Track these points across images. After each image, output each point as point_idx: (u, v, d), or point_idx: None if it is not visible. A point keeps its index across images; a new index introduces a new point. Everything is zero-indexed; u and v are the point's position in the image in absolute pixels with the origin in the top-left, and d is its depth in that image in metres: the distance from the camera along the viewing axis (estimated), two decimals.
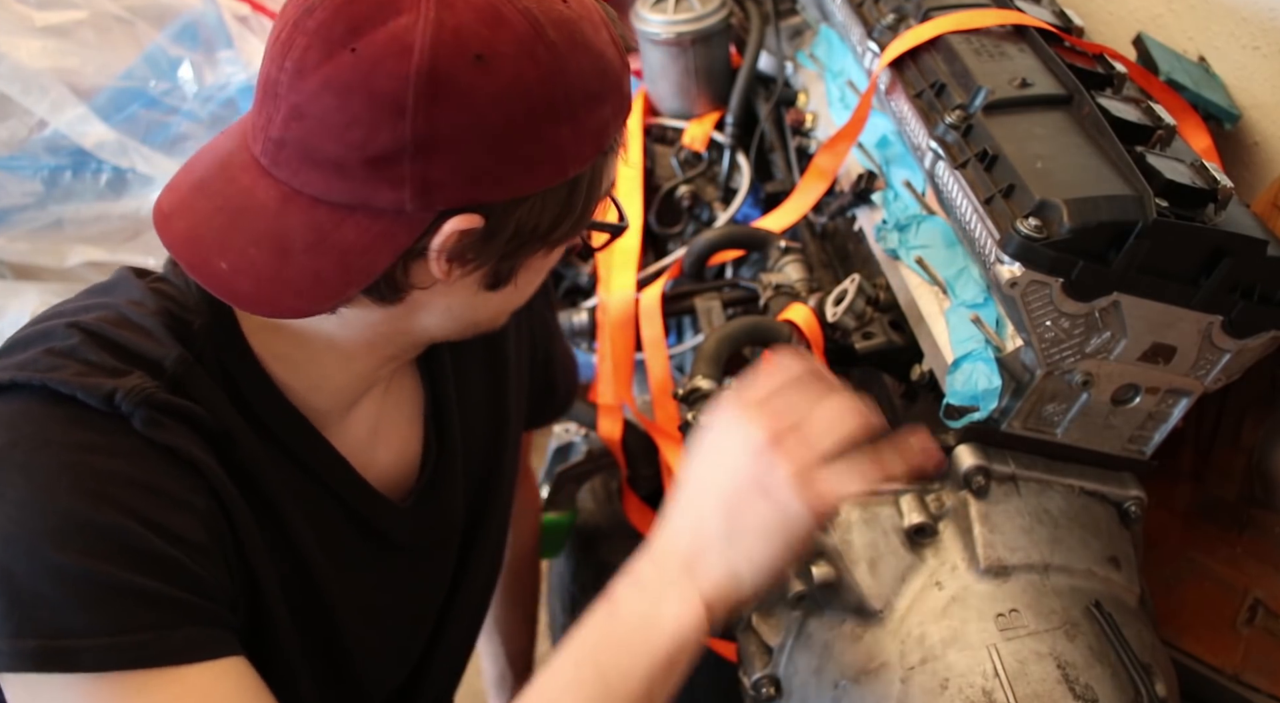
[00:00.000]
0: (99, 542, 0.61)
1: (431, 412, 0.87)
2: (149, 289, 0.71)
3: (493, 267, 0.69)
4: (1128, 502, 0.93)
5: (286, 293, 0.64)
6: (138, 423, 0.64)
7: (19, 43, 1.45)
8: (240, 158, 0.66)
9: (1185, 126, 0.99)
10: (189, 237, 0.66)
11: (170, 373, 0.68)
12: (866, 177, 1.11)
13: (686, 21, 1.44)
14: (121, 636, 0.61)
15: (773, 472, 0.65)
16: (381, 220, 0.62)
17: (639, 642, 0.65)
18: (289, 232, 0.63)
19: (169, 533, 0.64)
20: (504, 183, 0.63)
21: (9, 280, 1.49)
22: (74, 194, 1.50)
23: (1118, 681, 0.83)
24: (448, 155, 0.61)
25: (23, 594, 0.60)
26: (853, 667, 0.88)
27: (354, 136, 0.60)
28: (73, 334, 0.67)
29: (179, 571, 0.64)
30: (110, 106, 1.51)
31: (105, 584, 0.61)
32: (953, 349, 0.89)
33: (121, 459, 0.63)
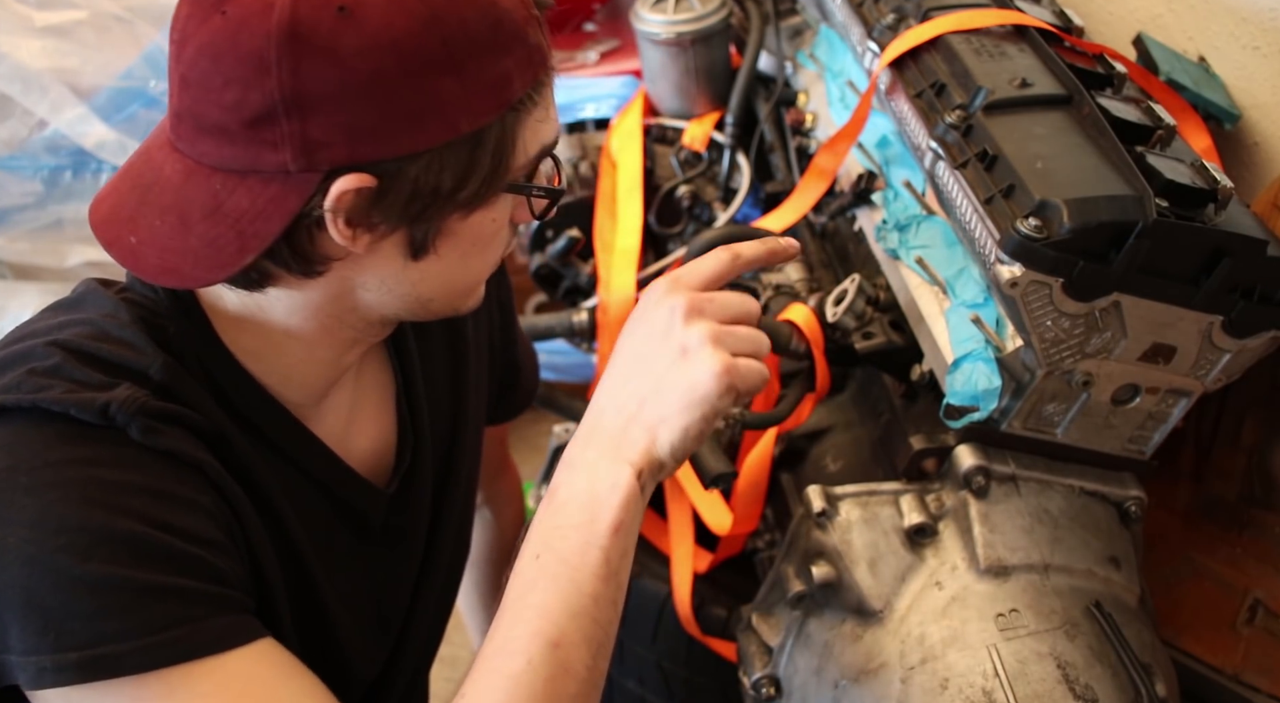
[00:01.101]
0: (119, 549, 0.61)
1: (404, 396, 0.88)
2: (120, 300, 0.71)
3: (406, 232, 0.67)
4: (1128, 502, 0.93)
5: (187, 262, 0.64)
6: (135, 432, 0.65)
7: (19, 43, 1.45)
8: (159, 140, 0.67)
9: (1185, 126, 0.99)
10: (108, 216, 0.67)
11: (157, 381, 0.68)
12: (866, 177, 1.11)
13: (686, 21, 1.44)
14: (158, 634, 0.61)
15: (691, 332, 0.70)
16: (272, 185, 0.62)
17: (585, 520, 0.67)
18: (190, 203, 0.64)
19: (184, 533, 0.64)
20: (387, 139, 0.62)
21: (9, 280, 1.49)
22: (74, 194, 1.50)
23: (1118, 681, 0.83)
24: (321, 112, 0.60)
25: (54, 611, 0.60)
26: (853, 667, 0.88)
27: (229, 98, 0.60)
28: (53, 353, 0.66)
29: (201, 566, 0.65)
30: (110, 106, 1.51)
31: (133, 588, 0.61)
32: (953, 349, 0.89)
33: (126, 469, 0.64)
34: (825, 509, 0.90)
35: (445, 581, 0.96)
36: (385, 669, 0.92)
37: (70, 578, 0.60)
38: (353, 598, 0.84)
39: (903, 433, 0.97)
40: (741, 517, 1.11)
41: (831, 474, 1.08)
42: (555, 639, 0.64)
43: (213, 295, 0.72)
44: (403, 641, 0.93)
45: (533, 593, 0.66)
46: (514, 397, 1.10)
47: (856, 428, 1.11)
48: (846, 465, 1.08)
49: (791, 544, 0.94)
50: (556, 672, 0.64)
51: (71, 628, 0.60)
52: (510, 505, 1.31)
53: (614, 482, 0.68)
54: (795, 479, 1.12)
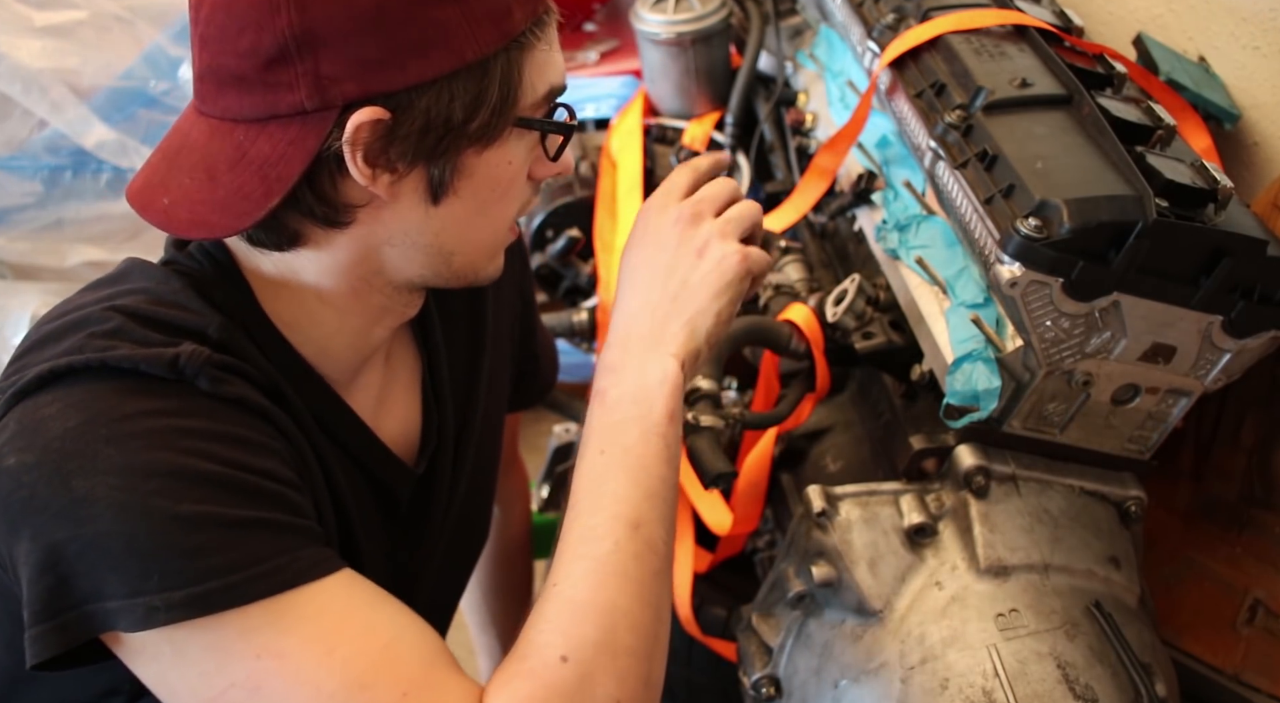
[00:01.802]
0: (208, 489, 0.64)
1: (428, 380, 0.89)
2: (168, 271, 0.74)
3: (424, 171, 0.69)
4: (1128, 502, 0.93)
5: (215, 213, 0.67)
6: (204, 382, 0.67)
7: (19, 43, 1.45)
8: (187, 113, 0.71)
9: (1185, 126, 0.99)
10: (141, 186, 0.70)
11: (215, 340, 0.70)
12: (866, 177, 1.11)
13: (686, 21, 1.44)
14: (257, 566, 0.64)
15: (700, 233, 0.79)
16: (290, 127, 0.65)
17: (642, 413, 0.74)
18: (216, 157, 0.67)
19: (264, 473, 0.67)
20: (396, 69, 0.64)
21: (9, 280, 1.49)
22: (74, 194, 1.50)
23: (1118, 681, 0.83)
24: (330, 47, 0.62)
25: (154, 553, 0.62)
26: (853, 667, 0.88)
27: (244, 44, 0.63)
28: (111, 317, 0.68)
29: (284, 501, 0.67)
30: (110, 106, 1.52)
31: (227, 523, 0.64)
32: (953, 349, 0.89)
33: (200, 418, 0.66)
34: (825, 509, 0.90)
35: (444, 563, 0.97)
36: None
37: (167, 519, 0.62)
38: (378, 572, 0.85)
39: (903, 433, 0.97)
40: (741, 517, 1.11)
41: (831, 474, 1.08)
42: (636, 520, 0.70)
43: (251, 262, 0.74)
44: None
45: (606, 483, 0.72)
46: (531, 386, 1.11)
47: (856, 428, 1.11)
48: (846, 465, 1.08)
49: (791, 544, 0.94)
50: (641, 549, 0.70)
51: (175, 567, 0.62)
52: (517, 503, 1.31)
53: (663, 374, 0.75)
54: (795, 479, 1.12)
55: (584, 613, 0.67)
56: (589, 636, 0.67)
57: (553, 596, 0.69)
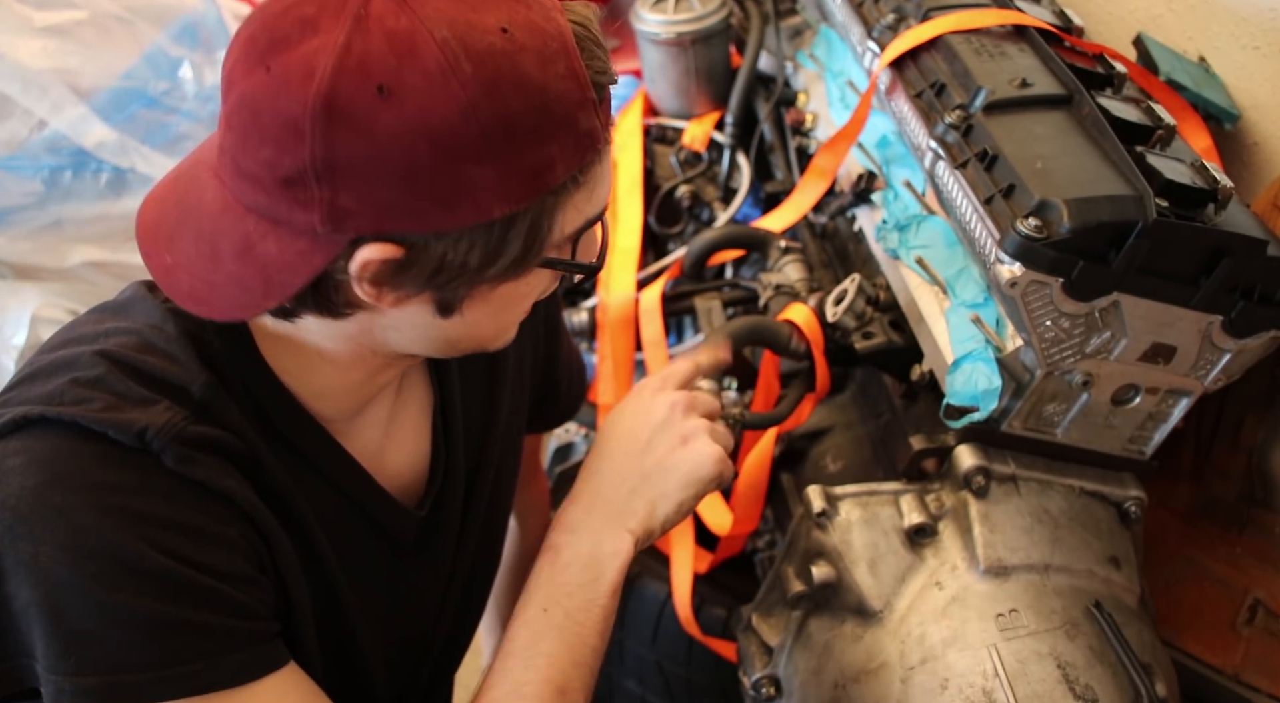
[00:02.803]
0: (145, 582, 0.63)
1: (440, 414, 0.88)
2: (168, 311, 0.72)
3: (434, 296, 0.67)
4: (1128, 502, 0.93)
5: (215, 295, 0.65)
6: (169, 460, 0.65)
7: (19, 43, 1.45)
8: (209, 157, 0.67)
9: (1185, 126, 0.99)
10: (150, 225, 0.68)
11: (197, 399, 0.69)
12: (866, 177, 1.11)
13: (686, 21, 1.44)
14: (176, 667, 0.64)
15: (690, 424, 0.84)
16: (300, 240, 0.62)
17: (589, 580, 0.78)
18: (222, 236, 0.64)
19: (210, 569, 0.66)
20: (417, 218, 0.61)
21: (9, 280, 1.49)
22: (74, 194, 1.50)
23: (1118, 681, 0.83)
24: (351, 184, 0.59)
25: (78, 634, 0.62)
26: (853, 667, 0.88)
27: (264, 155, 0.60)
28: (97, 363, 0.67)
29: (224, 601, 0.67)
30: (110, 106, 1.51)
31: (156, 621, 0.63)
32: (953, 349, 0.89)
33: (157, 500, 0.65)
34: (825, 509, 0.90)
35: (466, 594, 0.96)
36: (407, 681, 0.92)
37: (97, 605, 0.62)
38: (379, 614, 0.85)
39: (903, 433, 0.97)
40: (741, 517, 1.11)
41: (831, 474, 1.08)
42: (563, 686, 0.74)
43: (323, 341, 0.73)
44: (424, 653, 0.93)
45: (542, 643, 0.76)
46: (553, 409, 1.09)
47: (856, 428, 1.11)
48: (846, 465, 1.08)
49: (791, 544, 0.94)
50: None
51: (93, 654, 0.62)
52: (536, 516, 1.30)
53: (615, 548, 0.79)
54: (795, 479, 1.12)
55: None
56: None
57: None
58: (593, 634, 0.77)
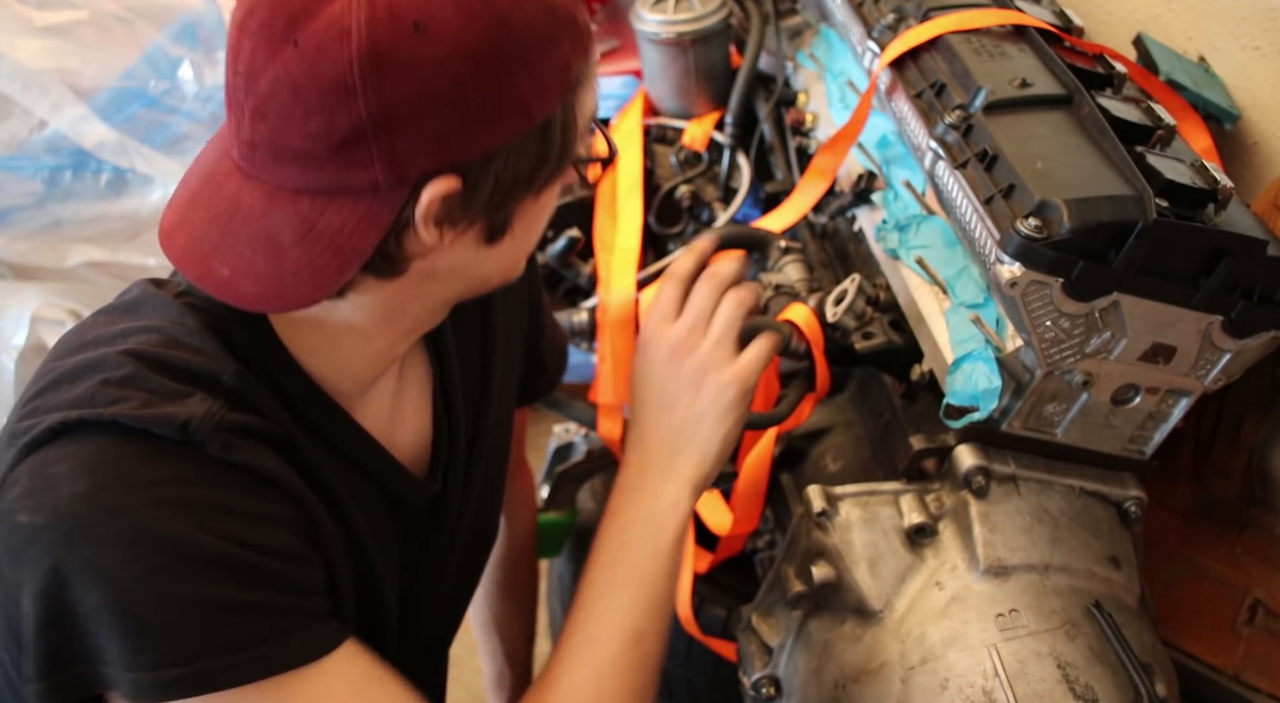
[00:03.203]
0: (212, 569, 0.64)
1: (440, 388, 0.90)
2: (183, 306, 0.73)
3: (485, 221, 0.70)
4: (1128, 502, 0.93)
5: (288, 287, 0.66)
6: (214, 448, 0.67)
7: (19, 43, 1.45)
8: (223, 166, 0.68)
9: (1185, 126, 0.99)
10: (189, 250, 0.68)
11: (229, 388, 0.70)
12: (866, 177, 1.11)
13: (686, 21, 1.43)
14: (251, 649, 0.65)
15: (694, 363, 0.86)
16: (362, 201, 0.64)
17: (652, 535, 0.81)
18: (279, 228, 0.65)
19: (267, 550, 0.67)
20: (472, 141, 0.64)
21: (9, 280, 1.49)
22: (74, 194, 1.50)
23: (1118, 681, 0.83)
24: (408, 127, 0.62)
25: (152, 629, 0.63)
26: (853, 667, 0.88)
27: (315, 127, 0.62)
28: (125, 362, 0.68)
29: (285, 580, 0.68)
30: (110, 106, 1.51)
31: (226, 606, 0.65)
32: (953, 349, 0.89)
33: (209, 488, 0.66)
34: (825, 509, 0.90)
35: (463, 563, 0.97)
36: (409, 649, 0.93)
37: (168, 599, 0.63)
38: (399, 586, 0.87)
39: (903, 433, 0.97)
40: (741, 517, 1.11)
41: (831, 474, 1.08)
42: (639, 633, 0.78)
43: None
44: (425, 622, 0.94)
45: (614, 594, 0.79)
46: (538, 381, 1.11)
47: (856, 428, 1.11)
48: (846, 465, 1.08)
49: (791, 544, 0.94)
50: (641, 659, 0.77)
51: (169, 646, 0.63)
52: (523, 510, 1.31)
53: (674, 500, 0.83)
54: (795, 479, 1.12)
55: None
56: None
57: (556, 692, 0.75)
58: (663, 580, 0.80)
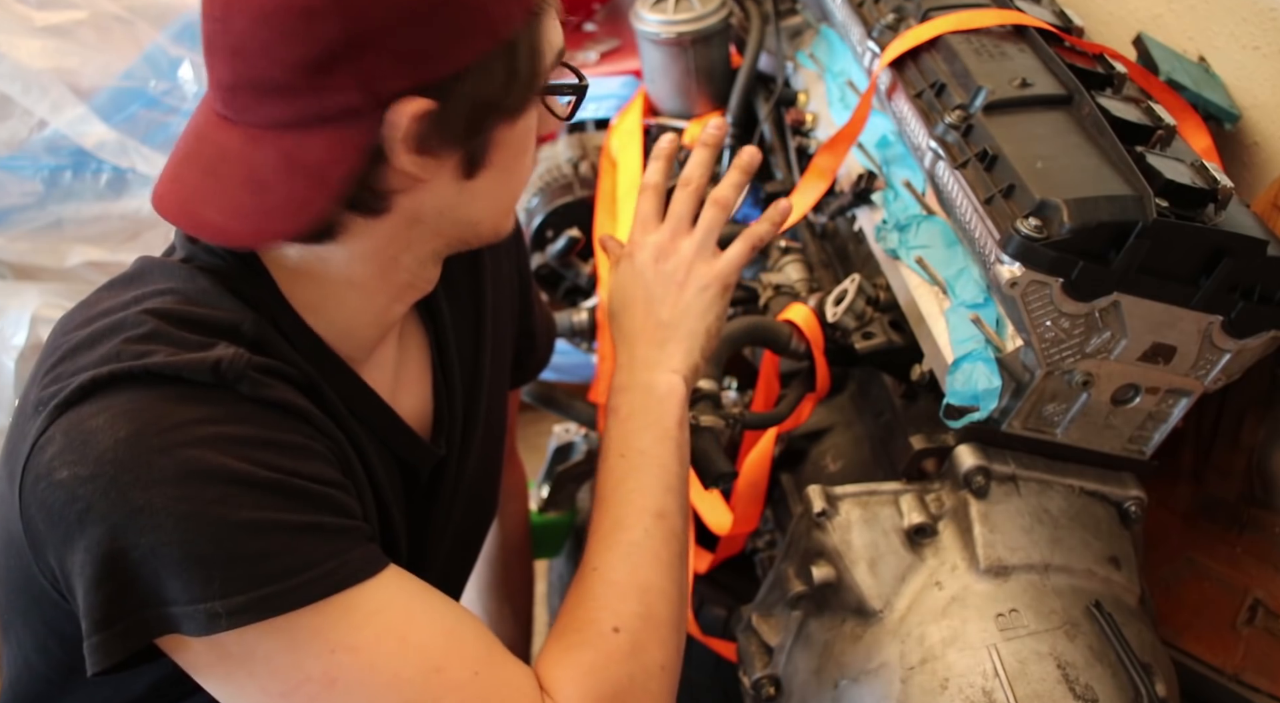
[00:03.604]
0: (262, 494, 0.65)
1: (437, 357, 0.91)
2: (192, 269, 0.74)
3: (463, 150, 0.71)
4: (1128, 502, 0.93)
5: (274, 221, 0.68)
6: (246, 387, 0.68)
7: (19, 43, 1.45)
8: (209, 120, 0.70)
9: (1185, 126, 0.99)
10: (180, 204, 0.70)
11: (250, 337, 0.71)
12: (866, 177, 1.11)
13: (686, 21, 1.43)
14: (315, 568, 0.66)
15: (676, 265, 0.90)
16: (339, 127, 0.66)
17: (654, 420, 0.84)
18: (262, 166, 0.67)
19: (312, 476, 0.68)
20: (440, 58, 0.65)
21: (9, 280, 1.49)
22: (74, 194, 1.50)
23: (1118, 681, 0.83)
24: (377, 45, 0.63)
25: (215, 559, 0.64)
26: (853, 667, 0.88)
27: (287, 54, 0.63)
28: (145, 320, 0.69)
29: (333, 503, 0.69)
30: (110, 106, 1.51)
31: (285, 528, 0.66)
32: (953, 349, 0.89)
33: (246, 424, 0.67)
34: (825, 509, 0.90)
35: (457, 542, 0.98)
36: None
37: (227, 526, 0.64)
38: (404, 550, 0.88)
39: (903, 433, 0.97)
40: (741, 517, 1.11)
41: (831, 474, 1.08)
42: (660, 510, 0.80)
43: (272, 253, 0.75)
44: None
45: (629, 479, 0.81)
46: (528, 361, 1.13)
47: (856, 428, 1.11)
48: (846, 465, 1.08)
49: (791, 544, 0.94)
50: (667, 535, 0.80)
51: (236, 573, 0.64)
52: (514, 501, 1.31)
53: (668, 387, 0.85)
54: (795, 479, 1.12)
55: (626, 591, 0.76)
56: (634, 610, 0.75)
57: (594, 578, 0.77)
58: (673, 461, 0.83)
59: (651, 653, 0.75)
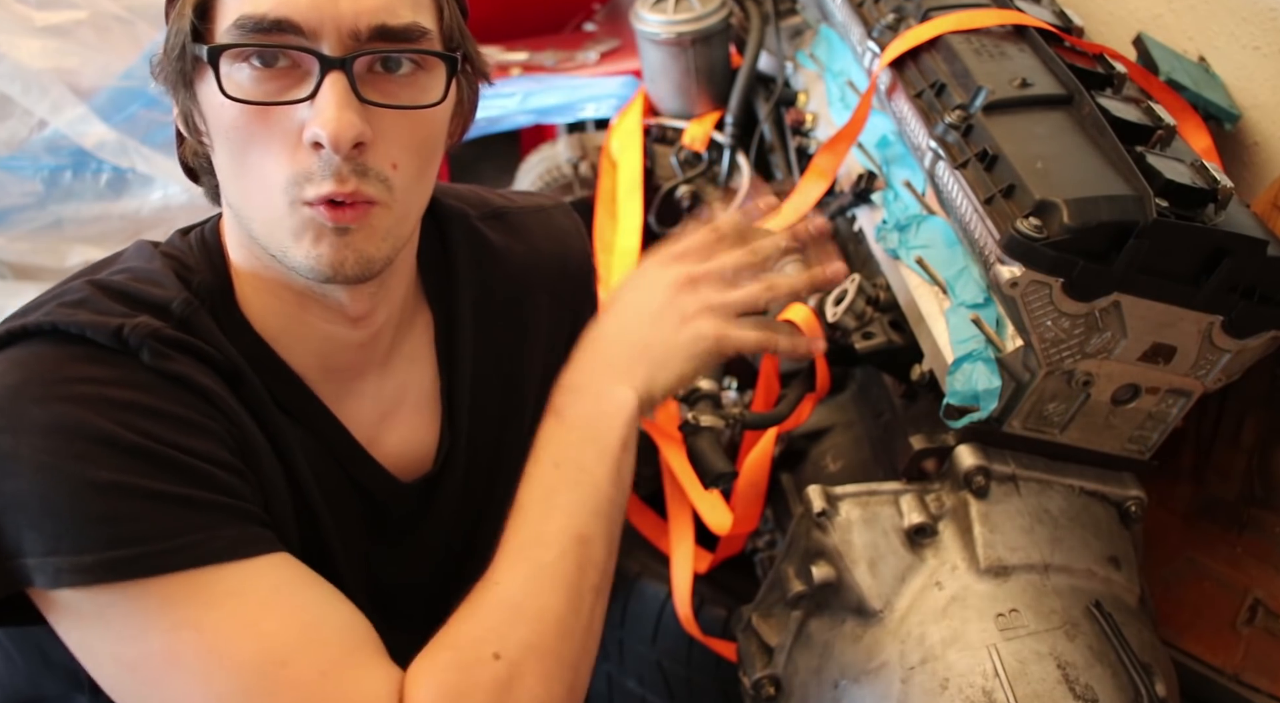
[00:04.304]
0: (129, 458, 0.64)
1: (445, 397, 0.89)
2: (158, 252, 0.77)
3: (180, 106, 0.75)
4: (1128, 502, 0.93)
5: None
6: (146, 356, 0.67)
7: (19, 43, 1.45)
8: None
9: (1185, 126, 0.99)
10: None
11: (177, 316, 0.71)
12: (866, 177, 1.11)
13: (686, 21, 1.44)
14: (171, 540, 0.64)
15: (690, 303, 0.84)
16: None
17: (597, 435, 0.78)
18: None
19: (195, 452, 0.67)
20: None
21: (9, 280, 1.49)
22: (74, 194, 1.50)
23: (1118, 681, 0.83)
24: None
25: (69, 516, 0.63)
26: (853, 667, 0.88)
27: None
28: (84, 288, 0.71)
29: (211, 479, 0.67)
30: (110, 106, 1.52)
31: (145, 495, 0.64)
32: (953, 349, 0.89)
33: (136, 390, 0.67)
34: (825, 509, 0.90)
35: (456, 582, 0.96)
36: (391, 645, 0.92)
37: (85, 483, 0.63)
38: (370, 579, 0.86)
39: (903, 433, 0.97)
40: (741, 517, 1.11)
41: (831, 474, 1.08)
42: (583, 535, 0.74)
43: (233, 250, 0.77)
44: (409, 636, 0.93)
45: (559, 494, 0.75)
46: None
47: (856, 428, 1.11)
48: (846, 465, 1.08)
49: (791, 544, 0.94)
50: (584, 562, 0.73)
51: (86, 532, 0.63)
52: None
53: (620, 403, 0.79)
54: (795, 479, 1.12)
55: (519, 615, 0.69)
56: (523, 637, 0.69)
57: (491, 594, 0.71)
58: (608, 485, 0.76)
59: (531, 688, 0.68)
